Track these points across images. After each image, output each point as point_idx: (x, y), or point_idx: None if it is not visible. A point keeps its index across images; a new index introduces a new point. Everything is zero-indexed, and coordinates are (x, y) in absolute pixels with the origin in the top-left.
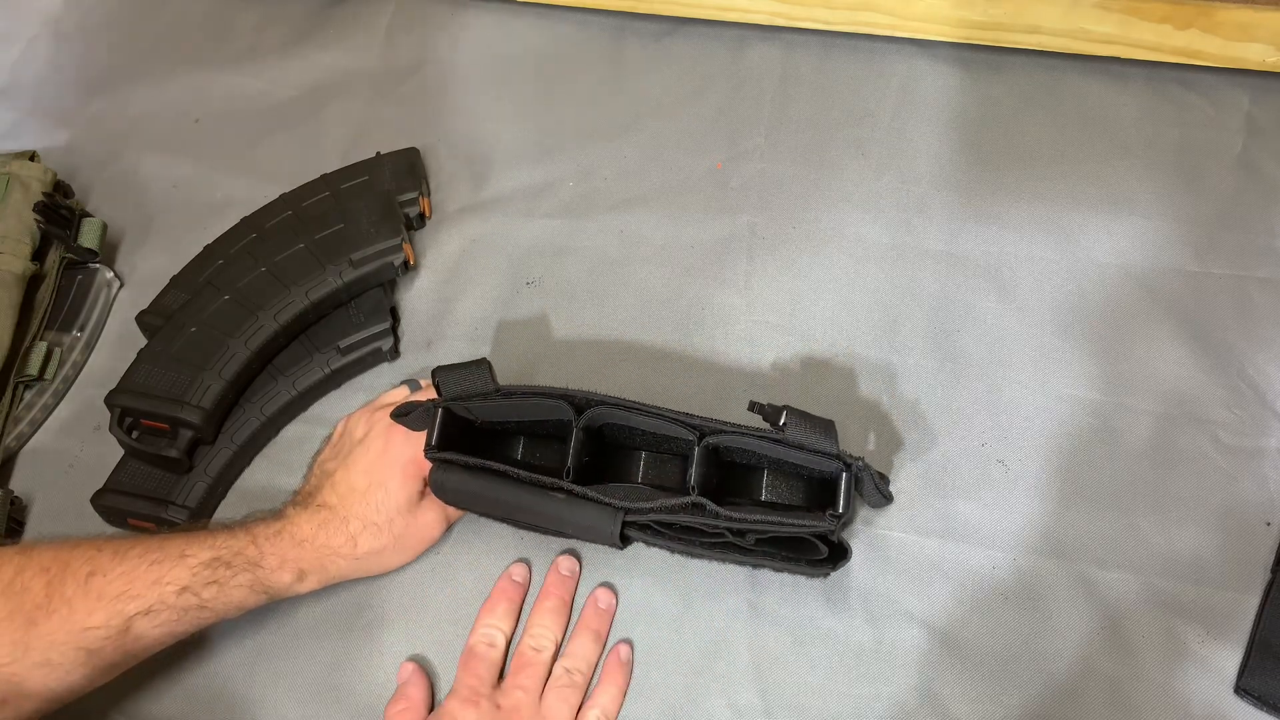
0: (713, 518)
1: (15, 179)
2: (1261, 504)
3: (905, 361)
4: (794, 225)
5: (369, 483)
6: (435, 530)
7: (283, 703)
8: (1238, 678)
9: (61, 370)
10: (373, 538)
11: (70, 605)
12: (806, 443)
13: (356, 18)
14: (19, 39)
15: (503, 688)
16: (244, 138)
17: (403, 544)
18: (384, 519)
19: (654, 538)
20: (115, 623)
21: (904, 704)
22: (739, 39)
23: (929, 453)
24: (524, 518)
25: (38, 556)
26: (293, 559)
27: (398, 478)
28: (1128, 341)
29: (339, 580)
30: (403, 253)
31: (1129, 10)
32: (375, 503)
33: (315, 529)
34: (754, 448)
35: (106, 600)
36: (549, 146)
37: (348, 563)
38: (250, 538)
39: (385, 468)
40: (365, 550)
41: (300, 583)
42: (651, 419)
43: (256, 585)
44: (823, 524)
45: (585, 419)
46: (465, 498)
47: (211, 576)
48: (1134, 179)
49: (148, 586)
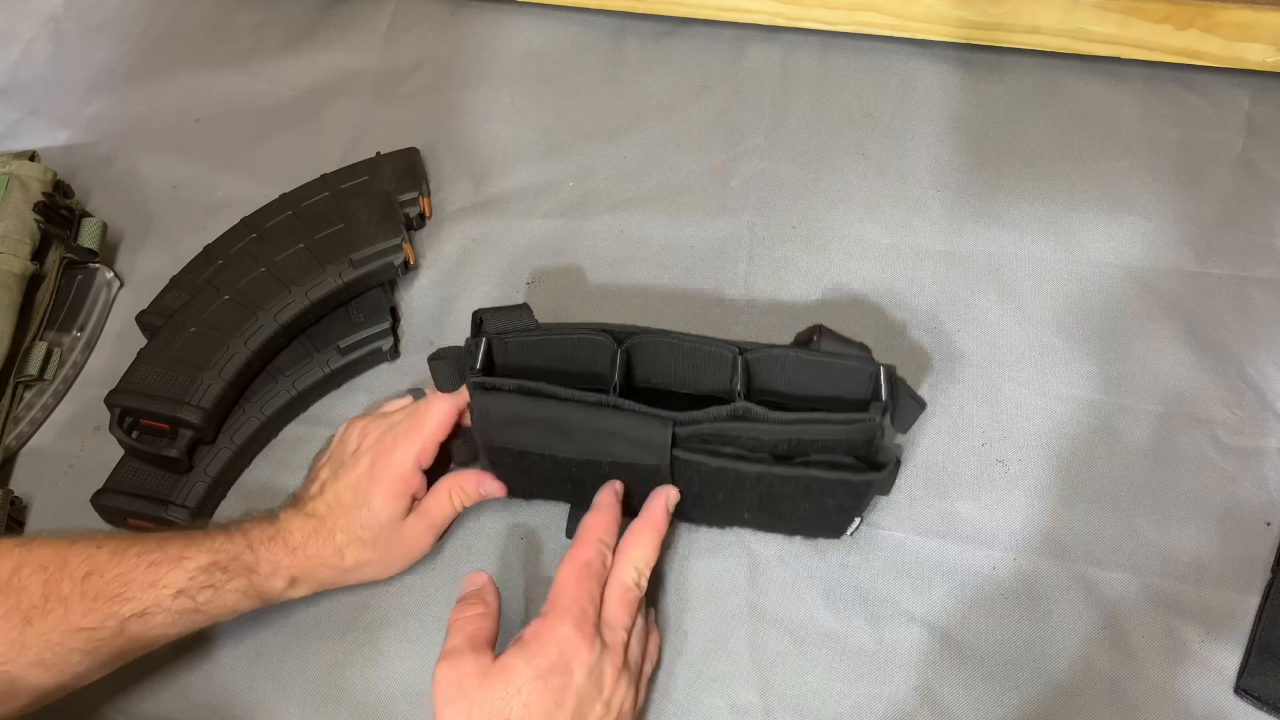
0: (760, 421)
1: (15, 179)
2: (1261, 504)
3: (905, 362)
4: (794, 225)
5: (354, 499)
6: (424, 543)
7: (283, 703)
8: (1238, 678)
9: (61, 370)
10: (358, 551)
11: (66, 605)
12: (840, 350)
13: (356, 18)
14: (19, 39)
15: (606, 620)
16: (244, 138)
17: (388, 559)
18: (369, 535)
19: (702, 457)
20: (110, 624)
21: (904, 704)
22: (739, 39)
23: (929, 453)
24: (570, 442)
25: (37, 552)
26: (285, 566)
27: (382, 496)
28: (1128, 341)
29: (329, 587)
30: (403, 253)
31: (1129, 10)
32: (360, 519)
33: (305, 538)
34: (790, 368)
35: (102, 601)
36: (549, 146)
37: (335, 573)
38: (246, 542)
39: (371, 485)
40: (352, 563)
41: (292, 589)
42: (692, 342)
43: (250, 590)
44: (867, 417)
45: (626, 345)
46: (508, 426)
47: (208, 581)
48: (1134, 179)
49: (144, 589)
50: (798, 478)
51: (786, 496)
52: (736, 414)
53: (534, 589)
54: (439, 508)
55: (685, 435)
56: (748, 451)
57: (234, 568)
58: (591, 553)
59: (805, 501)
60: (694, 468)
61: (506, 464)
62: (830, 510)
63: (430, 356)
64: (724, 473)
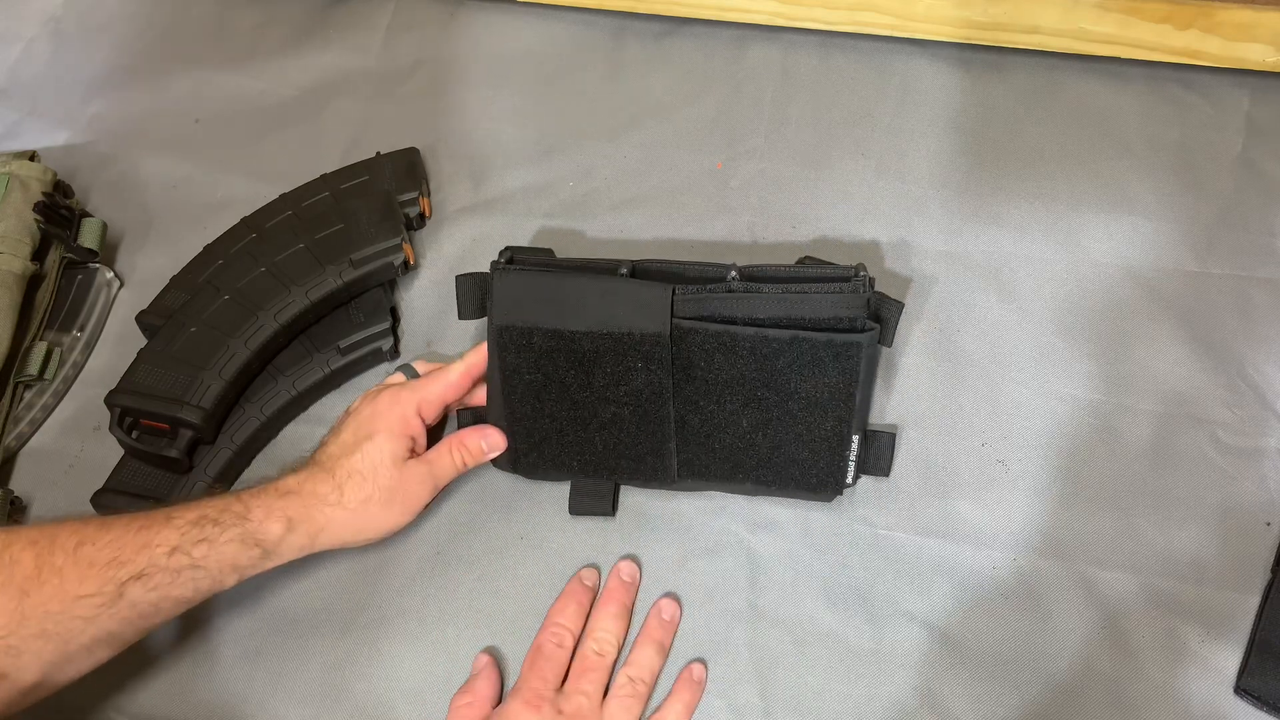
0: (755, 295)
1: (15, 179)
2: (1261, 504)
3: (905, 362)
4: (794, 225)
5: (355, 438)
6: (423, 490)
7: (283, 703)
8: (1238, 678)
9: (61, 370)
10: (358, 487)
11: (61, 575)
12: (825, 271)
13: (356, 18)
14: (19, 39)
15: (565, 691)
16: (244, 138)
17: (390, 497)
18: (369, 468)
19: (700, 324)
20: (108, 589)
21: (904, 704)
22: (739, 39)
23: (929, 453)
24: (580, 315)
25: (24, 532)
26: (279, 508)
27: (384, 431)
28: (1128, 341)
29: (330, 539)
30: (403, 253)
31: (1129, 10)
32: (361, 452)
33: (301, 481)
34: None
35: (98, 568)
36: (549, 146)
37: (334, 511)
38: (235, 496)
39: (372, 421)
40: (351, 499)
41: (291, 534)
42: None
43: (246, 538)
44: (854, 274)
45: (636, 263)
46: (524, 303)
47: (200, 534)
48: (1134, 179)
49: (137, 551)
50: (790, 341)
51: (781, 378)
52: (733, 288)
53: (534, 588)
54: (439, 459)
55: (685, 303)
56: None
57: (224, 519)
58: (545, 636)
59: (801, 381)
60: (693, 338)
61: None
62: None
63: (458, 276)
64: (721, 342)
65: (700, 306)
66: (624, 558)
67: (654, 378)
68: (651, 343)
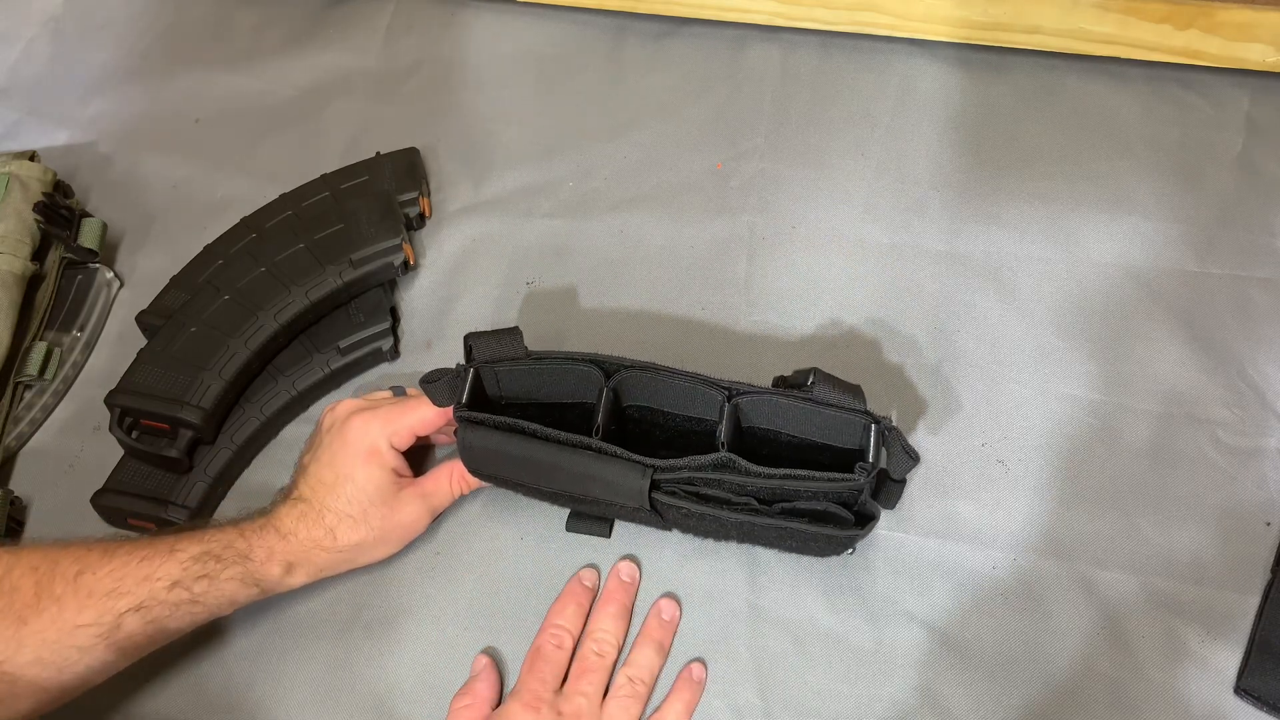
0: (742, 475)
1: (15, 179)
2: (1261, 504)
3: (905, 362)
4: (794, 225)
5: (335, 476)
6: (420, 523)
7: (283, 703)
8: (1238, 678)
9: (61, 370)
10: (350, 530)
11: (60, 603)
12: (834, 400)
13: (356, 18)
14: (19, 39)
15: (565, 693)
16: (244, 138)
17: (385, 537)
18: (358, 511)
19: (683, 502)
20: (106, 620)
21: (904, 704)
22: (739, 39)
23: (929, 453)
24: (552, 480)
25: (26, 556)
26: (279, 551)
27: (361, 468)
28: (1128, 341)
29: (329, 573)
30: (403, 253)
31: (1129, 10)
32: (346, 496)
33: (295, 522)
34: (782, 411)
35: (97, 597)
36: (549, 146)
37: (331, 555)
38: (238, 531)
39: (347, 460)
40: (345, 543)
41: (290, 576)
42: (681, 380)
43: (247, 578)
44: (852, 478)
45: (614, 381)
46: (492, 458)
47: (202, 570)
48: (1134, 179)
49: (138, 583)
50: (781, 527)
51: (774, 538)
52: (720, 464)
53: (534, 589)
54: (438, 490)
55: (666, 480)
56: (732, 495)
57: (227, 556)
58: (544, 637)
59: (791, 541)
60: (676, 509)
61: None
62: (817, 548)
63: (422, 379)
64: (706, 515)
65: (681, 477)
66: (623, 558)
67: (640, 514)
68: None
